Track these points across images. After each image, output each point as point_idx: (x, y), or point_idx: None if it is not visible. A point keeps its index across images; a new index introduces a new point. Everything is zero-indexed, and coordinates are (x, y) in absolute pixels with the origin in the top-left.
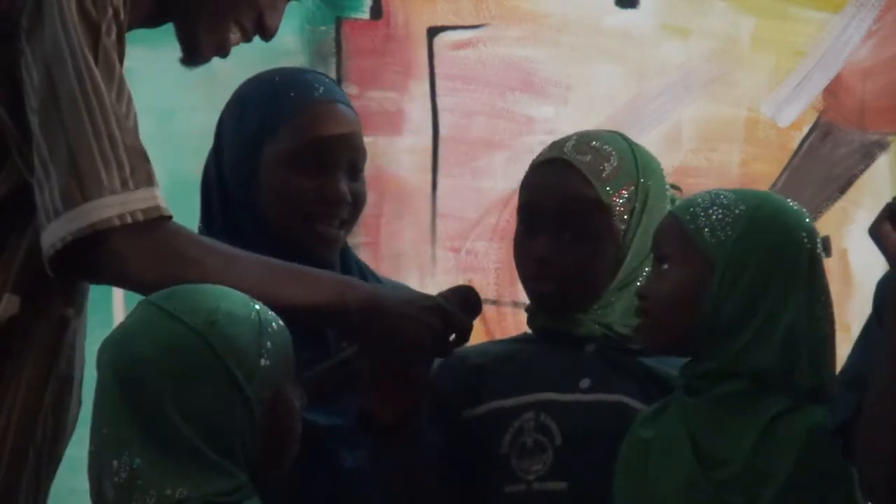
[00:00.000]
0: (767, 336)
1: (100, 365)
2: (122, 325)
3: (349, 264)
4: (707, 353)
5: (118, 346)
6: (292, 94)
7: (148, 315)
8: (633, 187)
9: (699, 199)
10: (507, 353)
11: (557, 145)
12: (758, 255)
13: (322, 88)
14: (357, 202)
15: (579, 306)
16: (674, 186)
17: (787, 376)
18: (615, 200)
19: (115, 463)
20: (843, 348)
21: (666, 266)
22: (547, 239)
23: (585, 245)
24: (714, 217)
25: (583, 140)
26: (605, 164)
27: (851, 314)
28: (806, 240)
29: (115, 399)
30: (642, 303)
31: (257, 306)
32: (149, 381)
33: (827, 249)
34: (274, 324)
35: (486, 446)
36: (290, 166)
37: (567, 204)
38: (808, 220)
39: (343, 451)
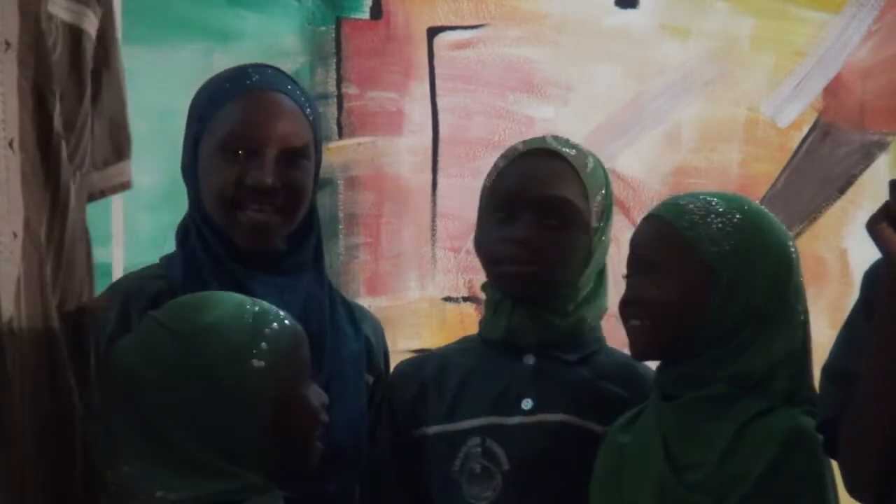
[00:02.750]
0: (755, 342)
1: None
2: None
3: (320, 267)
4: (689, 358)
5: (116, 359)
6: (227, 85)
7: (144, 327)
8: (603, 191)
9: (692, 206)
10: (450, 367)
11: (536, 140)
12: (757, 264)
13: (257, 77)
14: (291, 188)
15: (551, 294)
16: None
17: (766, 381)
18: (593, 198)
19: (108, 473)
20: None
21: (659, 273)
22: (530, 224)
23: (566, 234)
24: (714, 226)
25: (560, 138)
26: (587, 162)
27: None
28: (791, 247)
29: (112, 410)
30: (632, 308)
31: (256, 308)
32: (139, 390)
33: None
34: (275, 324)
35: (436, 468)
36: (219, 154)
37: (557, 192)
38: (784, 227)
39: (326, 473)
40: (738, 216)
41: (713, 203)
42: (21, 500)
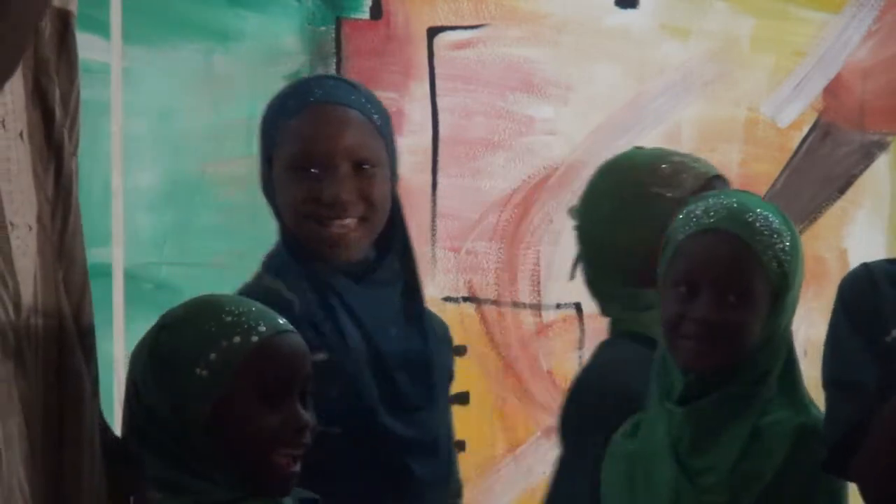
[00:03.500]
0: (775, 347)
1: None
2: None
3: (410, 274)
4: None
5: None
6: (290, 102)
7: None
8: None
9: (758, 224)
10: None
11: None
12: (798, 280)
13: (320, 92)
14: (368, 199)
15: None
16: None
17: (766, 377)
18: None
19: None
20: None
21: (734, 293)
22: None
23: None
24: (778, 246)
25: None
26: None
27: None
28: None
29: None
30: (701, 327)
31: (229, 318)
32: (129, 378)
33: None
34: (238, 338)
35: None
36: (290, 173)
37: None
38: None
39: (413, 459)
40: (788, 232)
41: (770, 219)
42: (35, 476)
